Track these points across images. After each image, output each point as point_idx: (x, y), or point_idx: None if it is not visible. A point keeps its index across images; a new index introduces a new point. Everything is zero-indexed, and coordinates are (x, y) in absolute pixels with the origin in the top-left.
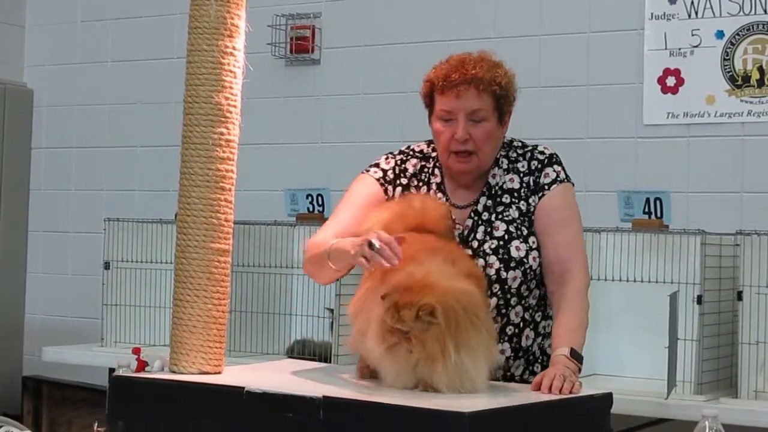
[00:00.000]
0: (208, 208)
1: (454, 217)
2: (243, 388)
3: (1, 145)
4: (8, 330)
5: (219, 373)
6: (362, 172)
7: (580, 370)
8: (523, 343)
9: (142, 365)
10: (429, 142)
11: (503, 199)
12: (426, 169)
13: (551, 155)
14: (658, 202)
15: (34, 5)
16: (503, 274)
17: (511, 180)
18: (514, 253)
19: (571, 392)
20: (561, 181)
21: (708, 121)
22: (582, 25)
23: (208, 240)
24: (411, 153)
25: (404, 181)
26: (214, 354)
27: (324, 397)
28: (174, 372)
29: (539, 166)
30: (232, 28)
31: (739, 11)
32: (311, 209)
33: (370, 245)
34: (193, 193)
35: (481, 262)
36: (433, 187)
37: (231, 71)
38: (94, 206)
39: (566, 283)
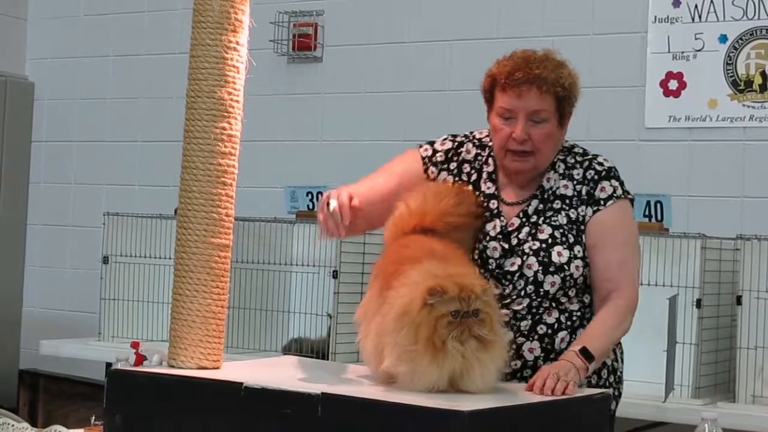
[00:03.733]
0: (209, 203)
1: (498, 207)
2: (241, 383)
3: (1, 138)
4: (6, 323)
5: (217, 368)
6: (418, 147)
7: (587, 369)
8: (557, 345)
9: (141, 359)
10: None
11: (554, 205)
12: (480, 157)
13: (609, 168)
14: (658, 206)
15: None
16: (540, 277)
17: (565, 186)
18: (555, 258)
19: (564, 392)
20: (618, 197)
21: (710, 125)
22: (585, 27)
23: (209, 235)
24: (470, 138)
25: (454, 166)
26: (212, 349)
27: (323, 393)
28: (172, 366)
29: (595, 177)
30: (236, 23)
31: (743, 16)
32: (311, 207)
33: (328, 205)
34: (195, 187)
35: (517, 261)
36: (484, 175)
37: (234, 66)
38: (93, 200)
39: (612, 300)
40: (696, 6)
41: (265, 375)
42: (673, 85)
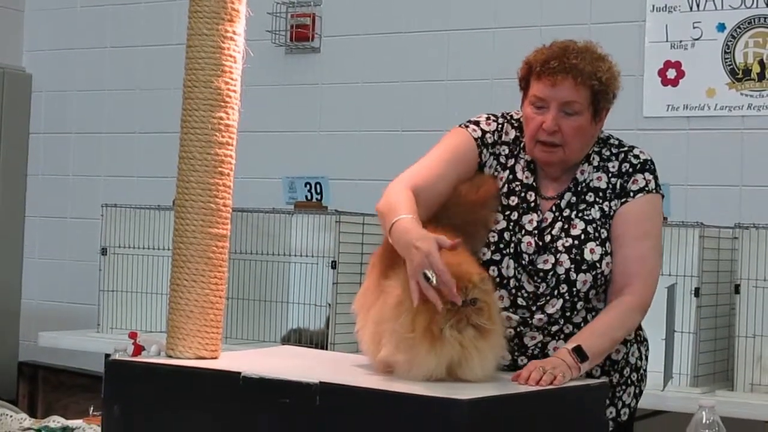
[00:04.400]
0: (206, 193)
1: (536, 200)
2: (239, 373)
3: None
4: (4, 315)
5: (216, 358)
6: (459, 126)
7: (580, 368)
8: None
9: (139, 350)
10: None
11: (587, 198)
12: (519, 142)
13: (645, 161)
14: None
15: None
16: (573, 276)
17: (599, 179)
18: (587, 256)
19: (551, 385)
20: (649, 191)
21: (708, 114)
22: (583, 16)
23: (206, 225)
24: (509, 119)
25: (499, 149)
26: (210, 339)
27: (321, 382)
28: (170, 357)
29: (630, 170)
30: (233, 13)
31: (741, 4)
32: (309, 197)
33: (426, 278)
34: (192, 177)
35: (551, 259)
36: (522, 163)
37: (231, 56)
38: (91, 192)
39: (622, 296)
40: None
41: (264, 365)
42: (671, 74)
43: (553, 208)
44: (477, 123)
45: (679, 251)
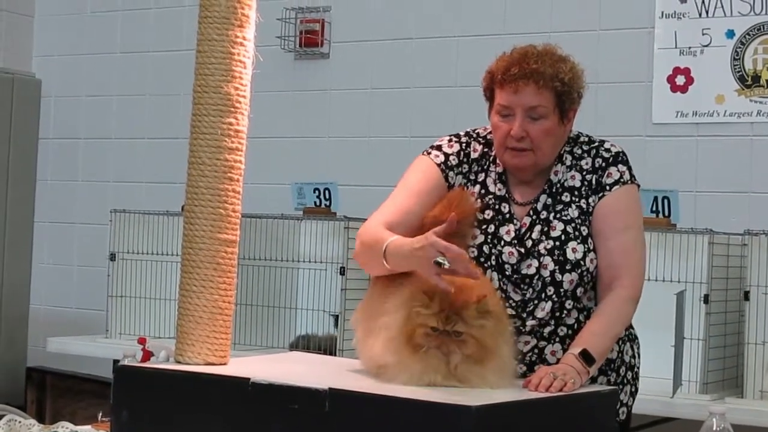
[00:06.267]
0: (215, 199)
1: (510, 210)
2: (248, 379)
3: (8, 135)
4: (13, 320)
5: (224, 364)
6: (422, 154)
7: (588, 372)
8: None
9: (148, 355)
10: None
11: (563, 198)
12: (488, 156)
13: (617, 153)
14: (666, 201)
15: None
16: (558, 277)
17: (573, 177)
18: (570, 255)
19: (561, 391)
20: (624, 183)
21: (717, 121)
22: (592, 22)
23: (216, 230)
24: (475, 137)
25: (466, 168)
26: (219, 345)
27: (330, 389)
28: (179, 363)
29: (603, 164)
30: (243, 18)
31: (750, 11)
32: (318, 203)
33: (439, 264)
34: (201, 183)
35: (534, 263)
36: (493, 176)
37: (241, 61)
38: (100, 197)
39: (613, 290)
40: (703, 1)
41: (272, 370)
42: (680, 80)
43: (531, 213)
44: (439, 147)
45: (689, 258)
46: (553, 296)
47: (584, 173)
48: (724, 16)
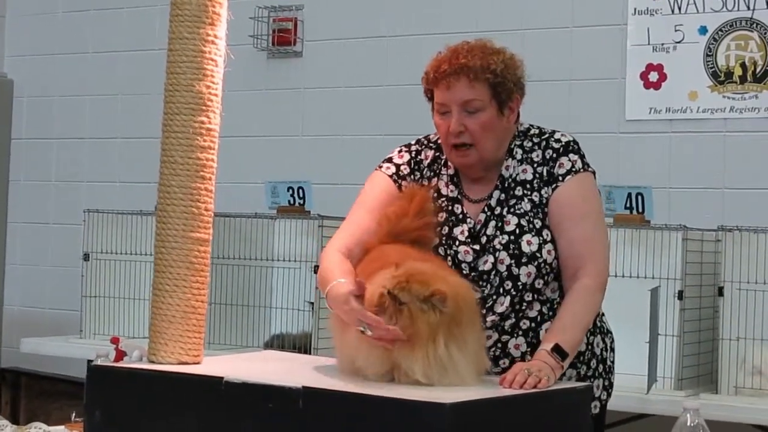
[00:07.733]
0: (188, 197)
1: (463, 210)
2: (222, 378)
3: None
4: None
5: (198, 363)
6: (376, 169)
7: (562, 367)
8: (541, 338)
9: (121, 355)
10: None
11: (516, 192)
12: (439, 161)
13: (567, 143)
14: (639, 198)
15: None
16: (515, 271)
17: (525, 171)
18: (525, 248)
19: (535, 387)
20: (576, 172)
21: (690, 117)
22: (565, 19)
23: (188, 229)
24: (426, 143)
25: (418, 175)
26: (193, 344)
27: (304, 387)
28: (152, 362)
29: (554, 155)
30: (214, 17)
31: (722, 7)
32: (292, 202)
33: (361, 332)
34: (173, 182)
35: (490, 258)
36: (445, 178)
37: (212, 60)
38: (74, 197)
39: (578, 280)
40: None
41: (246, 369)
42: (653, 77)
43: (485, 209)
44: (390, 159)
45: (662, 254)
46: (512, 290)
47: (535, 165)
48: (697, 12)
